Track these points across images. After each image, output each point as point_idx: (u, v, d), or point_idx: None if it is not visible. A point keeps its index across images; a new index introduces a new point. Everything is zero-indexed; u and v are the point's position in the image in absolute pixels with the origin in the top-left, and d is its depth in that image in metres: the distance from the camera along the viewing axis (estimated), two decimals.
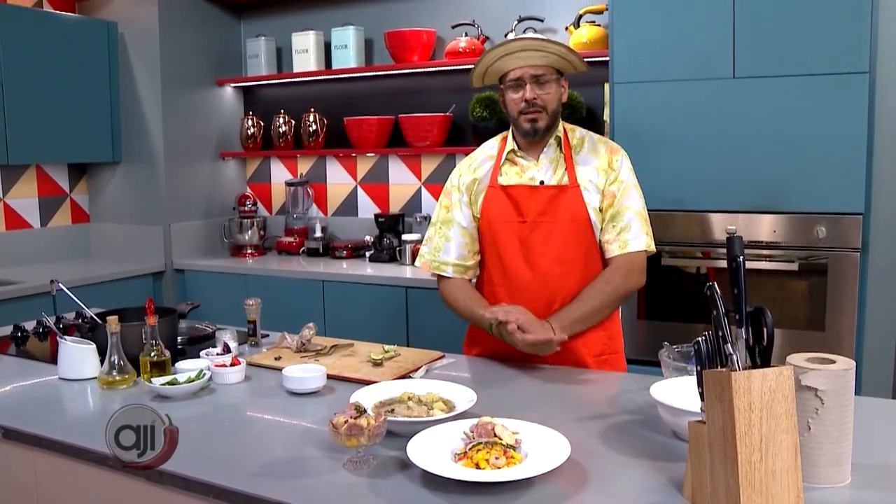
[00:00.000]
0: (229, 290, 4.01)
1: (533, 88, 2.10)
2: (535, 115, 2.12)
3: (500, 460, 1.37)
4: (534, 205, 2.15)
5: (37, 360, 2.30)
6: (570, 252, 2.13)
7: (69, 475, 1.67)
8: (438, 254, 2.29)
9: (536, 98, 2.10)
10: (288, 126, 4.44)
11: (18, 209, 4.20)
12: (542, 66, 2.10)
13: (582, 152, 2.18)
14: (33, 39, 3.87)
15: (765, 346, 1.25)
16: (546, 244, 2.13)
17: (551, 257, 2.13)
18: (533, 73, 2.10)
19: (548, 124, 2.14)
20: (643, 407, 1.76)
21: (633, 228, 2.13)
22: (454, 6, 4.01)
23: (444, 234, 2.29)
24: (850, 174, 2.77)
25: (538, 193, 2.15)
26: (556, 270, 2.13)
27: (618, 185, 2.14)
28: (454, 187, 2.30)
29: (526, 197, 2.16)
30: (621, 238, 2.13)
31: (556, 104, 2.15)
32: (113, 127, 4.29)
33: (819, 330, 2.84)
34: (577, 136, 2.22)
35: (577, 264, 2.14)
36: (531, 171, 2.18)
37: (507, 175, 2.21)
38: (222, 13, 4.56)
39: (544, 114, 2.12)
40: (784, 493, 1.19)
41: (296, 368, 1.97)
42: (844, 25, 2.72)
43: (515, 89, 2.13)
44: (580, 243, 2.13)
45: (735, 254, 1.28)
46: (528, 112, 2.11)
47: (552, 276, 2.13)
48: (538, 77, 2.10)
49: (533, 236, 2.15)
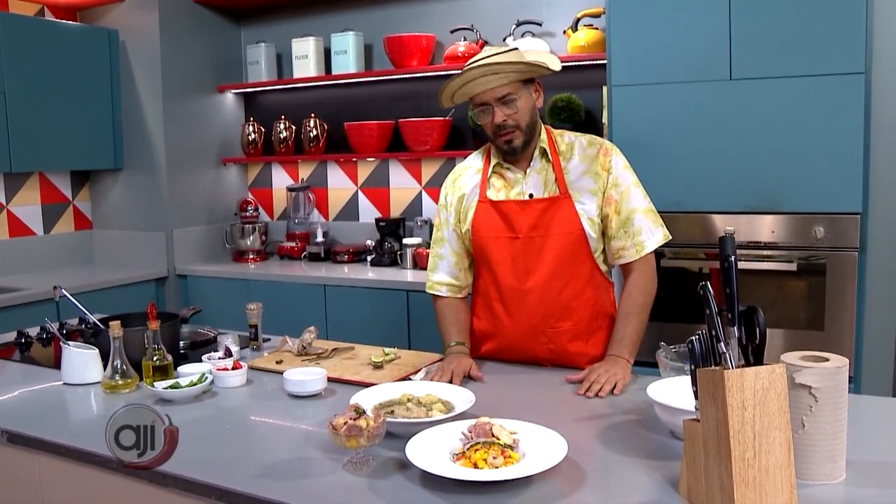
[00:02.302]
0: (231, 295, 4.02)
1: (501, 110, 2.04)
2: (510, 136, 2.07)
3: (497, 460, 1.38)
4: (525, 219, 2.12)
5: (40, 366, 2.32)
6: (564, 265, 2.11)
7: (73, 479, 1.69)
8: (433, 274, 2.30)
9: (506, 119, 2.05)
10: (289, 131, 4.45)
11: (22, 216, 4.23)
12: (503, 86, 2.03)
13: (573, 160, 2.14)
14: (36, 48, 3.89)
15: (757, 345, 1.26)
16: (539, 259, 2.11)
17: (545, 272, 2.11)
18: (496, 97, 2.04)
19: (525, 139, 2.09)
20: (640, 406, 1.78)
21: (646, 229, 2.12)
22: (453, 11, 4.03)
23: (436, 254, 2.30)
24: (847, 174, 2.78)
25: (529, 208, 2.12)
26: (551, 284, 2.11)
27: (617, 189, 2.11)
28: (441, 206, 2.30)
29: (516, 212, 2.12)
30: (637, 242, 2.11)
31: (530, 116, 2.09)
32: (115, 134, 4.32)
33: (818, 330, 2.85)
34: (566, 141, 2.17)
35: (572, 277, 2.12)
36: (519, 185, 2.15)
37: (495, 188, 2.18)
38: (222, 20, 4.59)
39: (518, 132, 2.07)
40: (777, 490, 1.20)
41: (297, 371, 1.99)
42: (840, 26, 2.73)
43: (485, 113, 2.08)
44: (574, 255, 2.11)
45: (727, 253, 1.29)
46: (501, 134, 2.08)
47: (547, 291, 2.12)
48: (503, 98, 2.04)
49: (525, 252, 2.12)
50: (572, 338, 2.15)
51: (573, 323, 2.14)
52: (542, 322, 2.14)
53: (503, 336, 2.20)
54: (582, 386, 1.93)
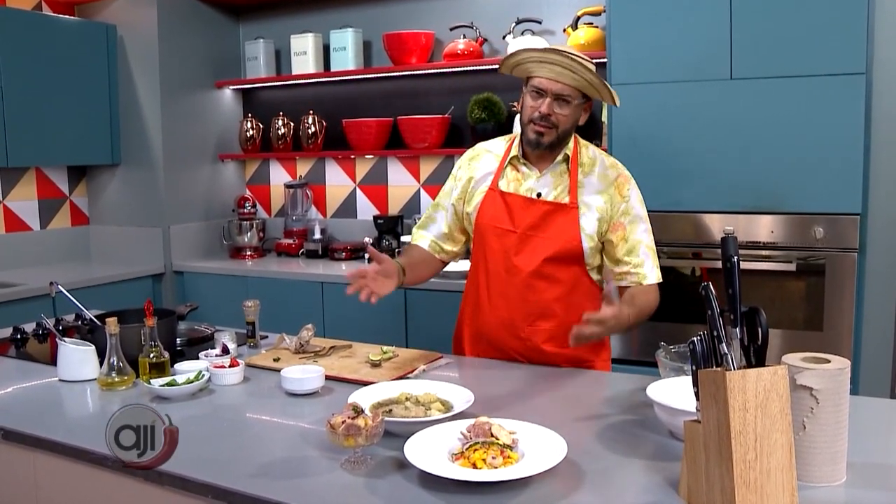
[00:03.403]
0: (229, 291, 4.01)
1: (552, 104, 2.05)
2: (544, 130, 2.07)
3: (496, 460, 1.37)
4: (527, 217, 2.13)
5: (36, 362, 2.31)
6: (553, 269, 2.11)
7: (69, 476, 1.68)
8: (421, 230, 2.34)
9: (552, 115, 2.06)
10: (287, 128, 4.44)
11: (18, 212, 4.21)
12: (569, 86, 2.04)
13: (592, 175, 2.14)
14: (33, 43, 3.88)
15: (759, 346, 1.25)
16: (530, 257, 2.12)
17: (532, 270, 2.11)
18: (558, 91, 2.05)
19: (553, 142, 2.10)
20: (640, 407, 1.77)
21: (647, 263, 2.12)
22: (452, 8, 4.02)
23: (430, 216, 2.34)
24: (847, 175, 2.77)
25: (534, 207, 2.13)
26: (536, 285, 2.12)
27: (627, 217, 2.11)
28: (452, 176, 2.32)
29: (521, 208, 2.14)
30: (639, 271, 2.11)
31: (570, 126, 2.10)
32: (112, 129, 4.30)
33: (817, 330, 2.85)
34: (589, 155, 2.17)
35: (559, 283, 2.12)
36: (530, 182, 2.16)
37: (506, 179, 2.19)
38: (221, 16, 4.57)
39: (553, 131, 2.08)
40: (779, 492, 1.19)
41: (294, 369, 1.97)
42: (841, 27, 2.73)
43: (535, 97, 2.08)
44: (566, 264, 2.11)
45: (729, 254, 1.28)
46: (538, 123, 2.07)
47: (531, 290, 2.12)
48: (562, 96, 2.05)
49: (519, 247, 2.13)
50: (548, 338, 2.15)
51: (553, 325, 2.14)
52: (523, 319, 2.15)
53: (482, 324, 2.23)
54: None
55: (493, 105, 3.74)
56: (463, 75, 3.98)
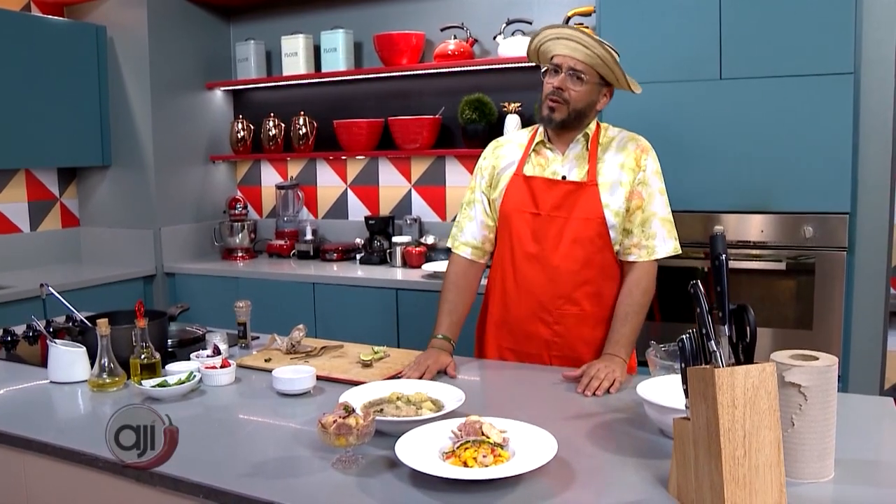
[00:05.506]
0: (220, 293, 4.00)
1: (565, 80, 2.09)
2: (555, 105, 2.10)
3: (487, 458, 1.38)
4: (550, 198, 2.15)
5: (27, 364, 2.30)
6: (580, 249, 2.13)
7: (59, 478, 1.67)
8: (460, 234, 2.33)
9: (564, 90, 2.09)
10: (278, 129, 4.44)
11: (8, 214, 4.19)
12: (582, 62, 2.08)
13: (609, 150, 2.17)
14: (22, 44, 3.86)
15: (748, 343, 1.26)
16: (557, 239, 2.14)
17: (561, 252, 2.14)
18: (572, 66, 2.08)
19: (565, 119, 2.12)
20: (630, 405, 1.78)
21: (660, 235, 2.14)
22: (443, 9, 4.02)
23: (466, 214, 2.33)
24: (836, 174, 2.79)
25: (557, 188, 2.15)
26: (564, 266, 2.14)
27: (644, 187, 2.14)
28: (478, 170, 2.34)
29: (544, 190, 2.16)
30: (649, 245, 2.13)
31: (584, 105, 2.12)
32: (103, 131, 4.29)
33: (807, 329, 2.86)
34: (609, 135, 2.21)
35: (587, 262, 2.14)
36: (555, 165, 2.18)
37: (531, 164, 2.21)
38: (211, 17, 4.57)
39: (565, 107, 2.10)
40: (767, 488, 1.20)
41: (286, 370, 1.98)
42: (829, 27, 2.74)
43: (552, 74, 2.12)
44: (592, 242, 2.13)
45: (718, 252, 1.29)
46: (550, 98, 2.11)
47: (560, 272, 2.14)
48: (577, 72, 2.08)
49: (545, 229, 2.15)
50: (578, 322, 2.17)
51: (580, 308, 2.16)
52: (550, 302, 2.16)
53: (510, 313, 2.23)
54: (581, 383, 1.92)
55: (484, 105, 3.75)
56: (453, 76, 3.99)
